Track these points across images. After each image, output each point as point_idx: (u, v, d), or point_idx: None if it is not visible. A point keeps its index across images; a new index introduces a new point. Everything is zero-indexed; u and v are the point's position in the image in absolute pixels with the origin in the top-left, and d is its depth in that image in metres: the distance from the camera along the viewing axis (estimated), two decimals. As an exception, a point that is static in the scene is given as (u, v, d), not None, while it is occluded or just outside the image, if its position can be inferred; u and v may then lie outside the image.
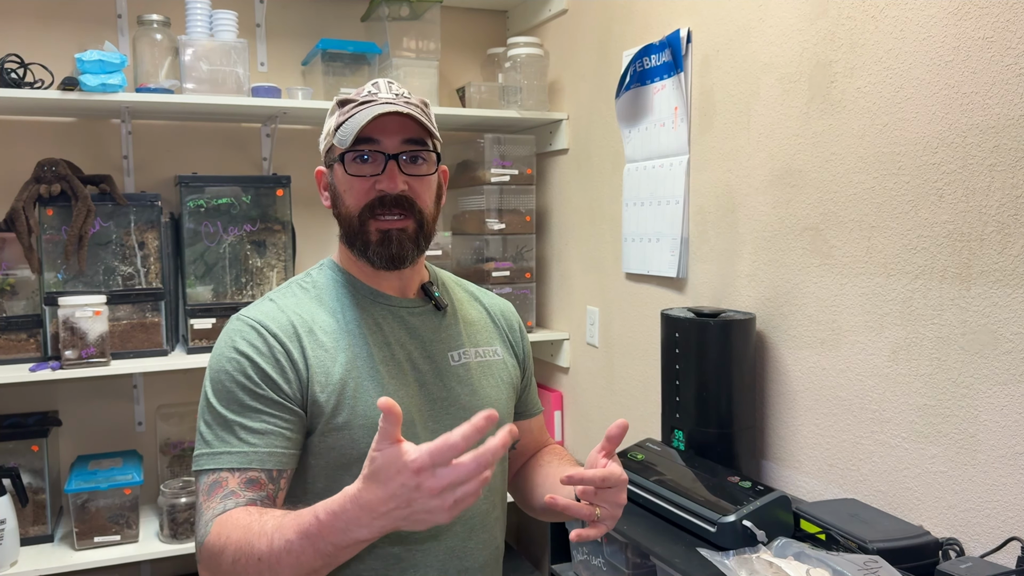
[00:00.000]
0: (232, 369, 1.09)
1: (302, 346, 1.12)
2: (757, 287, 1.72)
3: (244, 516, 1.00)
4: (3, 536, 1.92)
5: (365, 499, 0.86)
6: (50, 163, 2.03)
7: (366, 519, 0.86)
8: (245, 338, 1.11)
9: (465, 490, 0.84)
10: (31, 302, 2.08)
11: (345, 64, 2.35)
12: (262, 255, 2.25)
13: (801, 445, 1.62)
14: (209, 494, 1.05)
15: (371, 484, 0.85)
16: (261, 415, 1.08)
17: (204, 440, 1.09)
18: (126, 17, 2.32)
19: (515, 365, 1.32)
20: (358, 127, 1.10)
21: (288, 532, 0.92)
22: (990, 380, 1.26)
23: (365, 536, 0.88)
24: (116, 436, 2.38)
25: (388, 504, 0.84)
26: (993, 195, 1.24)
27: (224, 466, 1.06)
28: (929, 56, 1.34)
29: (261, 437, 1.07)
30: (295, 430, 1.10)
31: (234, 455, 1.06)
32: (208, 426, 1.09)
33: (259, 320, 1.13)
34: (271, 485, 1.07)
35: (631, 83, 2.07)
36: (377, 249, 1.15)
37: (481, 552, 1.20)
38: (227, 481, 1.05)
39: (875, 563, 1.19)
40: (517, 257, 2.53)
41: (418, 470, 0.82)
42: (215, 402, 1.09)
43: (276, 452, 1.07)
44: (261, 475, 1.06)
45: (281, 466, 1.08)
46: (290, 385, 1.09)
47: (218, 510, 1.03)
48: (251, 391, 1.08)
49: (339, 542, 0.89)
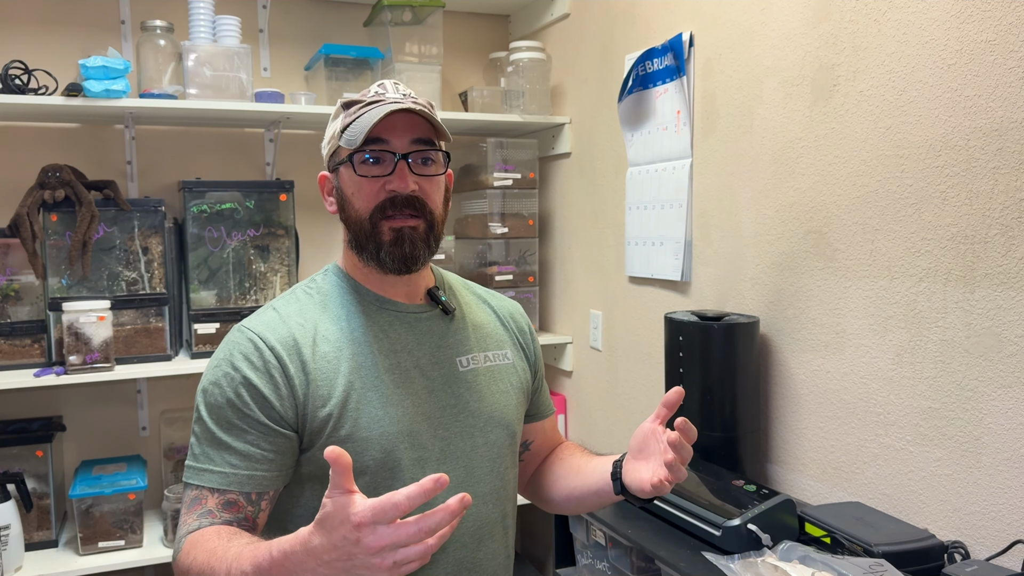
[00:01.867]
0: (225, 384, 1.09)
1: (302, 360, 1.10)
2: (761, 290, 1.72)
3: (213, 539, 1.01)
4: (8, 541, 1.92)
5: (312, 544, 0.85)
6: (54, 169, 2.03)
7: (311, 564, 0.85)
8: (242, 352, 1.10)
9: (407, 553, 0.82)
10: (35, 308, 2.09)
11: (348, 69, 2.35)
12: (265, 260, 2.25)
13: (805, 448, 1.62)
14: (189, 508, 1.07)
15: (319, 530, 0.84)
16: (247, 436, 1.07)
17: (192, 452, 1.10)
18: (130, 23, 2.33)
19: (526, 368, 1.30)
20: (369, 125, 1.08)
21: (245, 564, 0.93)
22: (995, 383, 1.26)
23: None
24: (120, 441, 2.38)
25: (331, 554, 0.83)
26: (997, 198, 1.24)
27: (205, 484, 1.07)
28: (932, 59, 1.34)
29: (244, 459, 1.07)
30: (281, 452, 1.09)
31: (215, 474, 1.07)
32: (197, 439, 1.10)
33: (259, 332, 1.11)
34: (249, 507, 1.08)
35: (633, 87, 2.07)
36: (390, 250, 1.12)
37: (491, 562, 1.19)
38: (206, 500, 1.07)
39: (880, 566, 1.18)
40: (520, 261, 2.53)
41: (358, 524, 0.81)
42: (205, 415, 1.10)
43: (256, 475, 1.07)
44: (240, 498, 1.07)
45: (262, 488, 1.08)
46: (283, 404, 1.08)
47: (193, 527, 1.05)
48: (239, 410, 1.08)
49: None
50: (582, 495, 1.24)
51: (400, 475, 1.10)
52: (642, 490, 1.10)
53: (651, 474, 1.08)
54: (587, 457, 1.30)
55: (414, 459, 1.12)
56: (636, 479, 1.11)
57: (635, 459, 1.14)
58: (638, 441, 1.14)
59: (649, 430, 1.12)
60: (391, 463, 1.10)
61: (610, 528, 1.55)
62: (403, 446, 1.11)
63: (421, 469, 1.12)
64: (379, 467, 1.10)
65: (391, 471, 1.10)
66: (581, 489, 1.24)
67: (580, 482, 1.25)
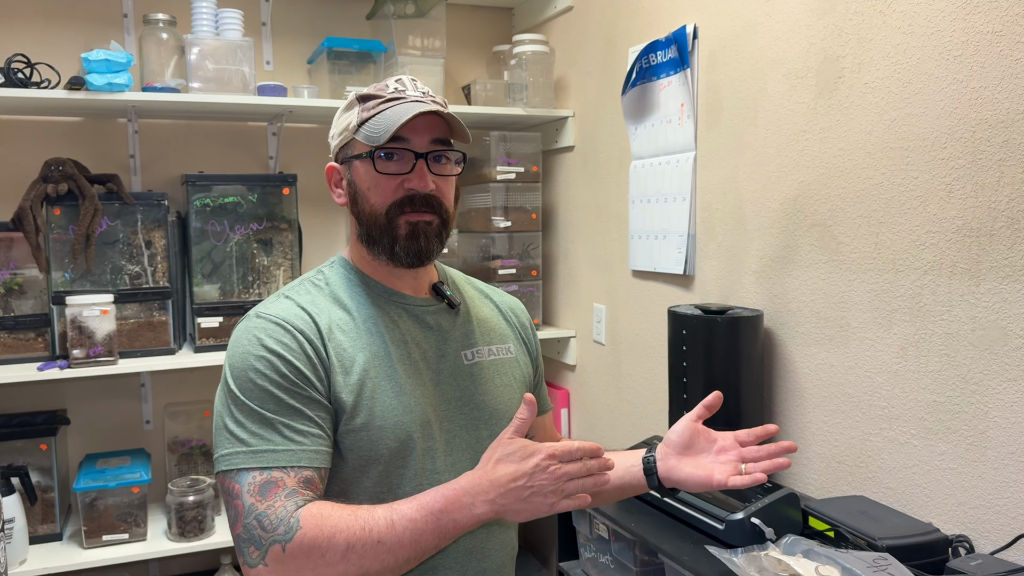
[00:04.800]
0: (264, 367, 1.06)
1: (324, 344, 1.10)
2: (765, 284, 1.71)
3: (336, 507, 1.01)
4: (12, 535, 1.93)
5: (497, 474, 1.00)
6: (57, 162, 2.03)
7: (492, 492, 0.99)
8: (271, 335, 1.08)
9: (573, 486, 1.00)
10: (39, 301, 2.09)
11: (351, 62, 2.35)
12: (269, 254, 2.25)
13: (809, 442, 1.62)
14: (266, 494, 1.01)
15: (502, 463, 1.00)
16: (303, 413, 1.05)
17: (238, 439, 1.04)
18: (132, 16, 2.32)
19: (528, 363, 1.31)
20: (395, 125, 1.08)
21: (410, 512, 1.00)
22: (1000, 376, 1.25)
23: (484, 511, 1.00)
24: (124, 435, 2.39)
25: (517, 480, 0.99)
26: (1003, 190, 1.23)
27: (273, 464, 1.02)
28: (937, 51, 1.33)
29: (307, 436, 1.05)
30: (331, 427, 1.09)
31: (283, 453, 1.03)
32: (240, 425, 1.04)
33: (284, 318, 1.10)
34: (321, 484, 1.06)
35: (637, 80, 2.06)
36: (405, 244, 1.13)
37: (499, 552, 1.21)
38: (283, 480, 1.02)
39: (884, 560, 1.18)
40: (523, 255, 2.53)
41: (551, 455, 0.99)
42: (248, 401, 1.05)
43: (323, 451, 1.06)
44: (314, 474, 1.05)
45: (327, 464, 1.07)
46: (321, 383, 1.08)
47: (291, 507, 1.00)
48: (288, 390, 1.05)
49: (460, 518, 1.00)
50: None
51: (412, 464, 1.11)
52: (703, 485, 1.16)
53: (712, 471, 1.16)
54: None
55: (425, 448, 1.12)
56: (691, 474, 1.17)
57: (680, 455, 1.19)
58: (683, 438, 1.19)
59: (695, 428, 1.20)
60: (404, 451, 1.11)
61: (613, 522, 1.55)
62: (416, 435, 1.11)
63: (431, 459, 1.13)
64: (393, 455, 1.10)
65: (403, 459, 1.11)
66: None
67: None
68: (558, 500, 1.00)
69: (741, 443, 1.18)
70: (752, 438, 1.18)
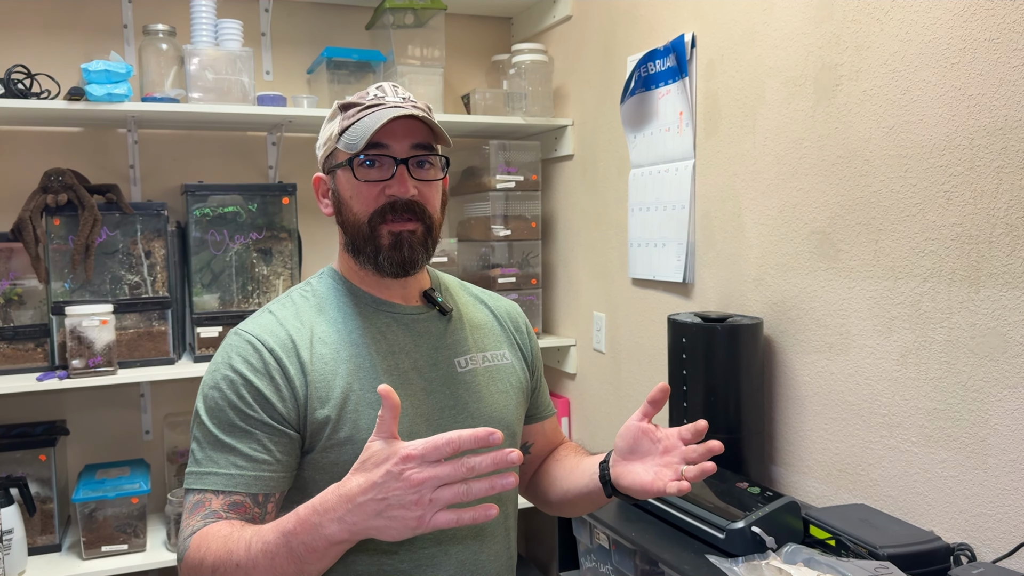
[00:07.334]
0: (226, 387, 1.08)
1: (300, 361, 1.09)
2: (764, 291, 1.71)
3: (224, 527, 1.00)
4: (11, 545, 1.92)
5: (347, 487, 0.88)
6: (57, 173, 2.03)
7: (341, 509, 0.88)
8: (241, 354, 1.09)
9: (442, 494, 0.84)
10: (38, 311, 2.09)
11: (350, 72, 2.35)
12: (268, 263, 2.25)
13: (810, 450, 1.61)
14: (191, 512, 1.05)
15: (357, 472, 0.88)
16: (251, 437, 1.06)
17: (194, 458, 1.08)
18: (132, 27, 2.33)
19: (524, 368, 1.30)
20: (371, 130, 1.08)
21: (266, 534, 0.94)
22: (1000, 383, 1.25)
23: (335, 532, 0.88)
24: (123, 445, 2.38)
25: (367, 494, 0.86)
26: (1001, 197, 1.23)
27: (209, 487, 1.05)
28: (935, 58, 1.33)
29: (249, 461, 1.06)
30: (286, 452, 1.08)
31: (220, 477, 1.05)
32: (198, 444, 1.09)
33: (257, 335, 1.11)
34: (256, 509, 1.06)
35: (636, 88, 2.06)
36: (389, 254, 1.12)
37: (494, 564, 1.18)
38: (210, 502, 1.05)
39: (886, 569, 1.18)
40: (523, 263, 2.53)
41: (406, 457, 0.84)
42: (206, 420, 1.08)
43: (263, 476, 1.06)
44: (246, 499, 1.06)
45: (268, 490, 1.07)
46: (285, 404, 1.08)
47: (198, 527, 1.02)
48: (242, 412, 1.07)
49: (310, 542, 0.90)
50: (575, 497, 1.23)
51: None
52: (645, 492, 1.07)
53: (654, 476, 1.06)
54: (580, 457, 1.28)
55: None
56: (635, 481, 1.07)
57: (626, 460, 1.11)
58: (627, 441, 1.11)
59: (638, 429, 1.10)
60: None
61: (613, 531, 1.54)
62: None
63: None
64: None
65: None
66: (573, 492, 1.23)
67: (572, 484, 1.23)
68: (428, 513, 0.84)
69: (684, 441, 1.08)
70: (692, 435, 1.07)
